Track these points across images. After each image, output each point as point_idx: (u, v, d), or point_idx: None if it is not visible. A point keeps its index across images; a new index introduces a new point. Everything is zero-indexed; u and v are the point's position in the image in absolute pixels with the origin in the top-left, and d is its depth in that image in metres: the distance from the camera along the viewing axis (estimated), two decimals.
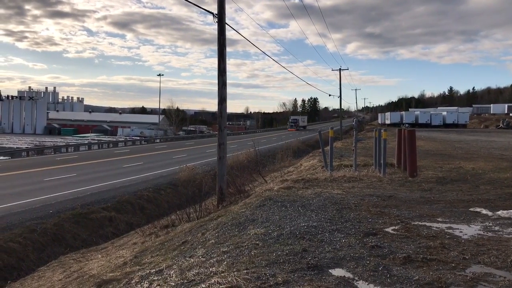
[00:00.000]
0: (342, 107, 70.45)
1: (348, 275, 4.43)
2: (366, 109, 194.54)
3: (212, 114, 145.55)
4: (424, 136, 40.15)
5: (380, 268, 4.58)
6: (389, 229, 6.33)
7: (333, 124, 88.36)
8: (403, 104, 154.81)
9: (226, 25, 13.92)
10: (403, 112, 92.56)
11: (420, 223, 6.80)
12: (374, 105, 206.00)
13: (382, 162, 13.55)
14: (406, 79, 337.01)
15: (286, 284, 4.12)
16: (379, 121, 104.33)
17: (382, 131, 14.63)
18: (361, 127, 66.52)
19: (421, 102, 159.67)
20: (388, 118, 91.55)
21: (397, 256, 4.96)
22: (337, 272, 4.52)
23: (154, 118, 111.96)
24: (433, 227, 6.55)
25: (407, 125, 73.97)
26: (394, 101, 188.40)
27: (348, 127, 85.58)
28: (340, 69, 60.26)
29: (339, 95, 61.44)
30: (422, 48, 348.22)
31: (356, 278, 4.34)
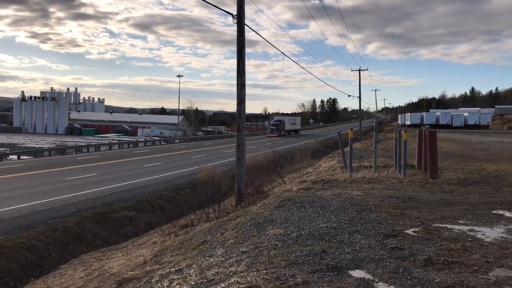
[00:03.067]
0: (361, 108, 69.95)
1: (368, 276, 4.40)
2: (385, 110, 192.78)
3: (230, 114, 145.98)
4: (445, 137, 39.60)
5: (400, 270, 4.54)
6: (410, 231, 6.26)
7: (352, 125, 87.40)
8: (424, 104, 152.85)
9: (245, 26, 13.97)
10: (424, 113, 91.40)
11: (441, 225, 6.71)
12: (394, 106, 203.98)
13: (403, 163, 13.41)
14: (427, 79, 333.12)
15: (305, 284, 4.11)
16: (399, 122, 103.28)
17: (402, 132, 14.48)
18: (380, 128, 65.96)
19: (442, 102, 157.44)
20: (408, 119, 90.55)
21: (418, 258, 4.90)
22: (357, 273, 4.49)
23: (173, 119, 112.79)
24: (455, 229, 6.46)
25: (427, 126, 73.00)
26: (414, 101, 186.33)
27: (367, 128, 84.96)
28: (359, 70, 59.80)
29: (358, 95, 60.96)
30: (444, 48, 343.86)
31: (376, 280, 4.31)
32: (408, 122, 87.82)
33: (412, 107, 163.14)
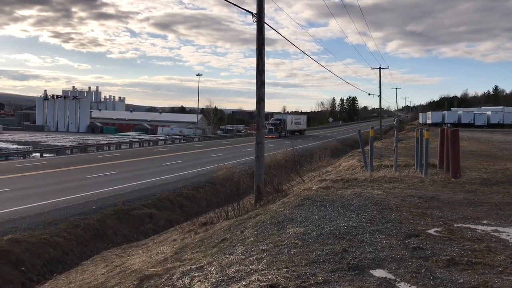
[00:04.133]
0: (381, 107, 69.26)
1: (390, 276, 4.36)
2: (406, 109, 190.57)
3: (249, 113, 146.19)
4: (467, 137, 38.96)
5: (422, 270, 4.49)
6: (432, 231, 6.18)
7: (372, 123, 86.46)
8: (445, 103, 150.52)
9: (265, 24, 13.96)
10: (445, 112, 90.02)
11: (464, 225, 6.61)
12: (415, 105, 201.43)
13: (424, 162, 13.25)
14: (448, 78, 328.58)
15: (326, 283, 4.10)
16: (420, 120, 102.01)
17: (424, 131, 14.30)
18: (401, 127, 65.21)
19: (464, 101, 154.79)
20: (429, 117, 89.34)
21: (440, 259, 4.84)
22: (378, 273, 4.46)
23: (192, 117, 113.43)
24: (478, 229, 6.35)
25: (449, 125, 71.87)
26: (435, 100, 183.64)
27: (388, 127, 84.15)
28: (380, 68, 59.21)
29: (378, 94, 60.37)
30: (466, 46, 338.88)
31: (398, 280, 4.27)
32: (429, 121, 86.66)
33: (433, 106, 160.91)
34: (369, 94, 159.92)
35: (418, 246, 5.34)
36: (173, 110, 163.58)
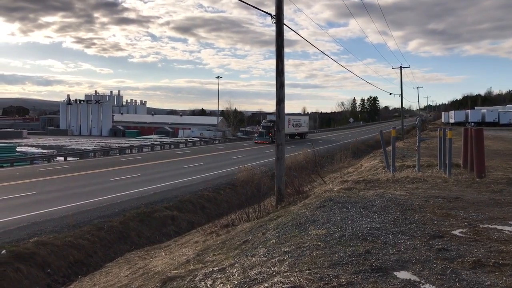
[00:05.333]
0: (403, 106, 68.41)
1: (414, 278, 4.29)
2: (428, 108, 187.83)
3: (269, 115, 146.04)
4: (491, 136, 38.21)
5: (448, 272, 4.41)
6: (456, 232, 6.08)
7: (394, 123, 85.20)
8: (468, 102, 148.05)
9: (284, 26, 13.94)
10: (469, 111, 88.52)
11: (490, 226, 6.48)
12: (437, 104, 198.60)
13: (447, 162, 13.04)
14: (471, 76, 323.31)
15: (349, 285, 4.06)
16: (443, 120, 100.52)
17: (447, 130, 14.08)
18: (423, 126, 64.33)
19: (488, 99, 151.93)
20: (452, 116, 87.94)
21: (466, 260, 4.75)
22: (402, 275, 4.40)
23: (213, 120, 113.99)
24: (505, 230, 6.21)
25: (472, 124, 70.68)
26: (458, 99, 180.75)
27: (409, 127, 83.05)
28: (401, 67, 58.51)
29: (400, 93, 59.66)
30: (490, 43, 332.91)
31: (423, 282, 4.20)
32: (452, 120, 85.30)
33: (456, 105, 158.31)
34: (390, 94, 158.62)
35: (442, 247, 5.25)
36: (193, 112, 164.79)
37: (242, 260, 5.39)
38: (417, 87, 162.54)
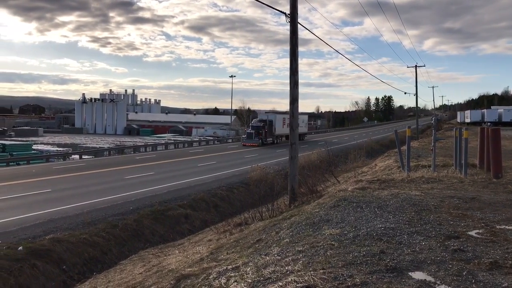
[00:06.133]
0: (418, 105, 67.81)
1: (429, 279, 4.25)
2: (443, 107, 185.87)
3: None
4: (508, 136, 37.63)
5: (464, 273, 4.36)
6: (473, 233, 6.00)
7: (408, 123, 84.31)
8: (485, 101, 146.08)
9: (298, 24, 13.91)
10: (485, 110, 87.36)
11: (507, 227, 6.39)
12: (452, 103, 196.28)
13: (463, 162, 12.89)
14: (488, 75, 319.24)
15: (364, 285, 4.03)
16: (458, 119, 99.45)
17: (463, 130, 13.92)
18: (439, 126, 63.63)
19: (505, 99, 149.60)
20: (468, 116, 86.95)
21: (483, 261, 4.69)
22: (417, 275, 4.36)
23: (226, 119, 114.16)
24: None
25: (489, 123, 69.73)
26: (474, 98, 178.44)
27: (424, 126, 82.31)
28: (416, 66, 58.01)
29: (415, 93, 59.16)
30: (507, 42, 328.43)
31: (438, 283, 4.16)
32: (468, 120, 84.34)
33: (472, 104, 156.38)
34: (405, 93, 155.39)
35: (458, 248, 5.19)
36: (207, 111, 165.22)
37: (256, 259, 5.40)
38: (432, 87, 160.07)
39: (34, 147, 53.07)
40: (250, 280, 4.53)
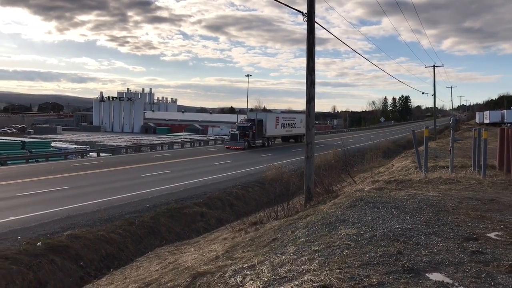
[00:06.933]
0: (436, 106, 67.00)
1: (447, 280, 4.20)
2: (462, 108, 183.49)
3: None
4: None
5: (483, 275, 4.30)
6: (492, 235, 5.92)
7: (426, 123, 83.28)
8: (505, 101, 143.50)
9: (315, 24, 13.86)
10: (505, 111, 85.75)
11: None
12: (471, 103, 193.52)
13: (482, 163, 12.71)
14: (508, 75, 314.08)
15: (381, 285, 4.01)
16: (477, 120, 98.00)
17: (482, 130, 13.73)
18: (457, 127, 62.84)
19: None
20: (487, 117, 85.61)
21: (502, 264, 4.62)
22: (435, 276, 4.31)
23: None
24: None
25: (509, 124, 68.57)
26: (493, 99, 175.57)
27: (442, 127, 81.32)
28: (434, 66, 57.27)
29: (433, 93, 58.44)
30: None
31: (456, 284, 4.11)
32: (486, 121, 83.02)
33: (491, 105, 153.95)
34: (423, 93, 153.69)
35: (477, 250, 5.12)
36: (223, 110, 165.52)
37: (272, 258, 5.40)
38: (451, 87, 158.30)
39: (53, 144, 53.86)
40: (266, 279, 4.53)
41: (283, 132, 52.83)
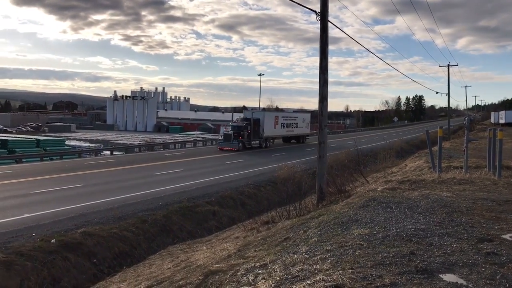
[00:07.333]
0: (450, 105, 66.35)
1: (461, 281, 4.16)
2: (476, 108, 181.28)
3: (310, 112, 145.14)
4: None
5: (497, 277, 4.25)
6: (507, 236, 5.84)
7: (440, 123, 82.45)
8: None
9: (329, 23, 13.81)
10: None
11: None
12: (486, 103, 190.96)
13: (497, 164, 12.55)
14: None
15: (393, 286, 3.98)
16: (492, 120, 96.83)
17: (497, 130, 13.56)
18: (471, 127, 62.10)
19: None
20: (502, 117, 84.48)
21: None
22: (448, 277, 4.27)
23: None
24: None
25: None
26: (509, 98, 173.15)
27: (456, 127, 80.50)
28: (448, 65, 56.69)
29: (447, 92, 57.90)
30: None
31: (470, 286, 4.07)
32: (502, 121, 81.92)
33: (506, 105, 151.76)
34: (437, 93, 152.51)
35: (492, 251, 5.06)
36: (235, 110, 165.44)
37: (284, 257, 5.40)
38: (465, 86, 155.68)
39: (67, 142, 54.42)
40: (278, 278, 4.53)
41: (283, 133, 49.84)
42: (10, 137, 51.91)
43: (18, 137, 51.87)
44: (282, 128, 48.81)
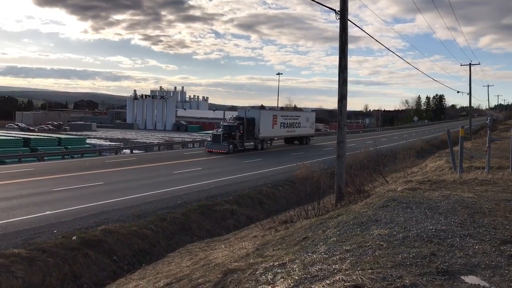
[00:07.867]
0: (471, 105, 65.28)
1: (484, 284, 4.10)
2: (499, 107, 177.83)
3: (329, 112, 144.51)
4: None
5: None
6: None
7: (461, 123, 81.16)
8: None
9: (348, 22, 13.72)
10: None
11: None
12: (509, 103, 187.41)
13: None
14: None
15: (414, 287, 3.94)
16: None
17: None
18: (494, 126, 61.02)
19: None
20: None
21: None
22: (470, 279, 4.21)
23: None
24: None
25: None
26: None
27: (478, 127, 79.18)
28: (470, 64, 55.75)
29: (468, 92, 56.96)
30: None
31: None
32: None
33: None
34: (458, 92, 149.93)
35: None
36: (253, 109, 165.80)
37: (303, 256, 5.38)
38: (487, 85, 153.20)
39: (88, 141, 55.19)
40: (297, 277, 4.52)
41: (283, 133, 46.26)
42: (32, 135, 52.86)
43: (40, 136, 52.78)
44: (282, 128, 45.36)
